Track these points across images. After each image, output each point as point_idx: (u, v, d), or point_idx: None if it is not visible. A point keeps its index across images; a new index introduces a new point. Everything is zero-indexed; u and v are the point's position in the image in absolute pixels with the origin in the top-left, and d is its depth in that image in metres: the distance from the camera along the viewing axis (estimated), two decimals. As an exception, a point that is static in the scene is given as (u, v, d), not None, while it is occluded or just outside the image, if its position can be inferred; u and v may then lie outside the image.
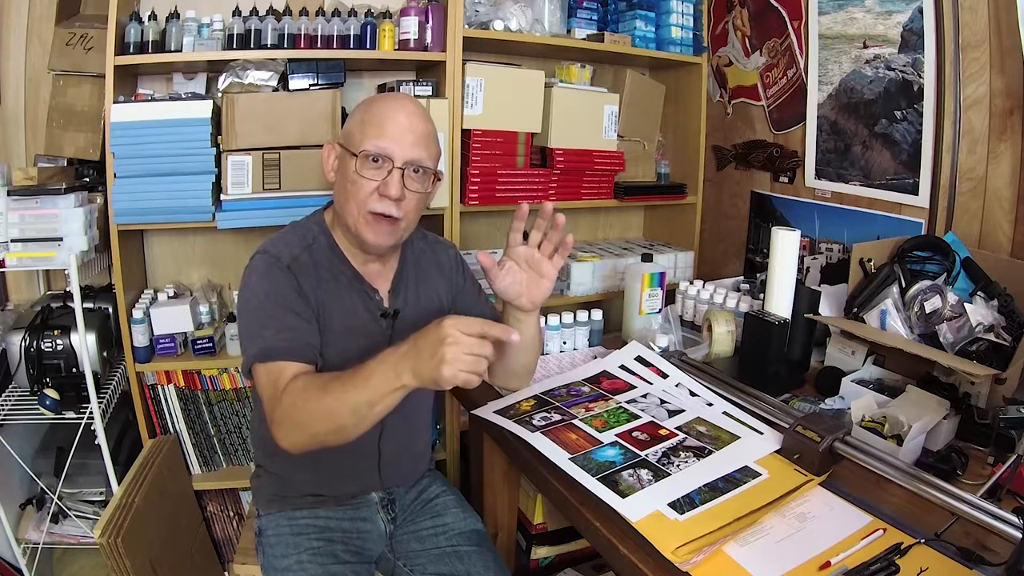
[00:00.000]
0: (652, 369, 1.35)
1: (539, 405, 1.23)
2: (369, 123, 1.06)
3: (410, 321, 1.16)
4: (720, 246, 2.35)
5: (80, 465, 1.67)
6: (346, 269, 1.13)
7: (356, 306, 1.13)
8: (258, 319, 1.02)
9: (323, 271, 1.10)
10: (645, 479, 0.98)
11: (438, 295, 1.24)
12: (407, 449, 1.25)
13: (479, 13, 1.81)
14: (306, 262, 1.08)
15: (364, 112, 1.09)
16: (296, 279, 1.05)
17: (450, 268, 1.27)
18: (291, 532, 1.15)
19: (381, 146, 1.04)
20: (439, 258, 1.26)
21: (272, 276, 1.05)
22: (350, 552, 1.15)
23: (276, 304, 1.03)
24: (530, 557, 1.66)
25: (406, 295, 1.18)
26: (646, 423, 1.15)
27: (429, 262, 1.24)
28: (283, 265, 1.06)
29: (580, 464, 1.02)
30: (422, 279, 1.22)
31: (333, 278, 1.11)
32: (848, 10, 1.77)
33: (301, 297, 1.05)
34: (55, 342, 1.53)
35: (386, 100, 1.13)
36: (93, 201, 1.60)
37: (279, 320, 1.01)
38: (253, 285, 1.06)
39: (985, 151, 1.51)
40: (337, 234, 1.14)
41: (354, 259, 1.14)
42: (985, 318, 1.26)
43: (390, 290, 1.18)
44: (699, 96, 2.15)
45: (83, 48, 1.66)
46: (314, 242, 1.12)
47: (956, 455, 1.05)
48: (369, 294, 1.14)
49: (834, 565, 0.81)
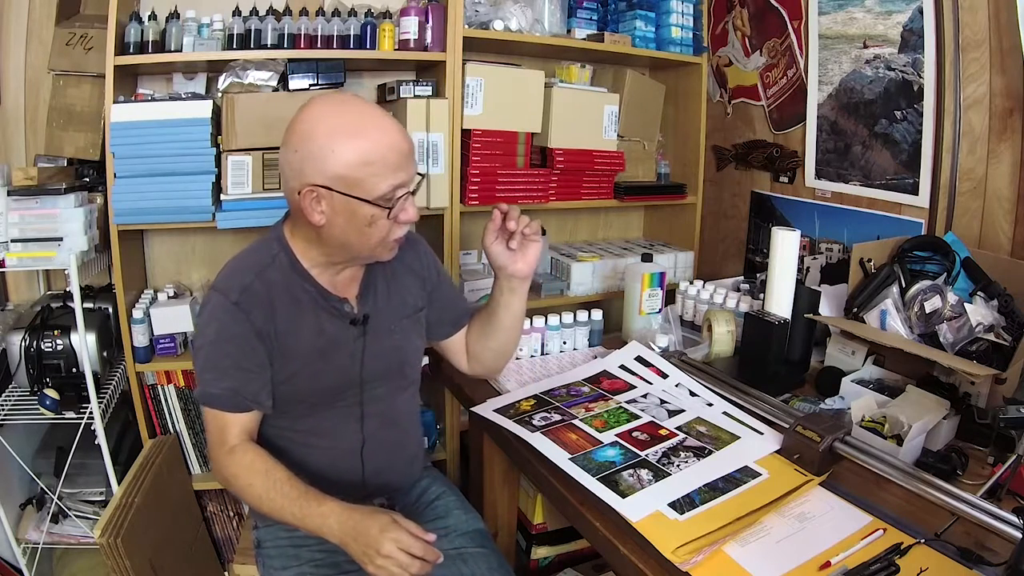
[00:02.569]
0: (652, 369, 1.35)
1: (539, 405, 1.23)
2: (372, 163, 0.98)
3: (381, 325, 1.15)
4: (720, 246, 2.35)
5: (80, 465, 1.68)
6: (309, 287, 1.09)
7: (323, 324, 1.09)
8: (201, 361, 1.06)
9: (281, 295, 1.06)
10: (645, 479, 0.98)
11: (411, 294, 1.22)
12: (396, 455, 1.23)
13: (479, 13, 1.81)
14: (258, 291, 1.04)
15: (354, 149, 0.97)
16: (246, 315, 1.03)
17: (420, 265, 1.25)
18: (291, 544, 1.14)
19: (396, 184, 1.00)
20: (408, 255, 1.22)
21: (219, 318, 1.03)
22: (352, 561, 1.14)
23: (219, 352, 1.04)
24: (530, 557, 1.66)
25: (375, 298, 1.16)
26: (646, 423, 1.15)
27: (398, 260, 1.18)
28: (231, 303, 1.02)
29: (580, 464, 1.02)
30: (392, 278, 1.19)
31: (293, 300, 1.07)
32: (848, 10, 1.77)
33: (247, 340, 1.03)
34: (55, 342, 1.53)
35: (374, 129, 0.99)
36: (93, 201, 1.60)
37: (220, 369, 1.03)
38: (202, 325, 1.08)
39: (985, 151, 1.51)
40: (299, 249, 1.09)
41: (322, 274, 1.10)
42: (985, 318, 1.27)
43: (359, 295, 1.14)
44: (699, 96, 2.15)
45: (83, 48, 1.66)
46: (273, 262, 1.07)
47: (956, 455, 1.05)
48: (337, 307, 1.11)
49: (834, 565, 0.81)
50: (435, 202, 1.79)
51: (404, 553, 0.90)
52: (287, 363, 1.07)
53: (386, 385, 1.18)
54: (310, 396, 1.11)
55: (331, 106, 1.00)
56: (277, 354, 1.06)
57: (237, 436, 1.04)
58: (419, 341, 1.25)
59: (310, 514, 0.95)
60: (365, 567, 0.92)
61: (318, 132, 0.98)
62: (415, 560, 0.91)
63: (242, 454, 1.02)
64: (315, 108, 1.00)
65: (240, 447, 1.03)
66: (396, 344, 1.18)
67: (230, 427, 1.04)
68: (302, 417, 1.12)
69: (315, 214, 1.01)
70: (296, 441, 1.13)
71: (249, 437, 1.06)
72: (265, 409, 1.08)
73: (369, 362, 1.14)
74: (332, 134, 0.97)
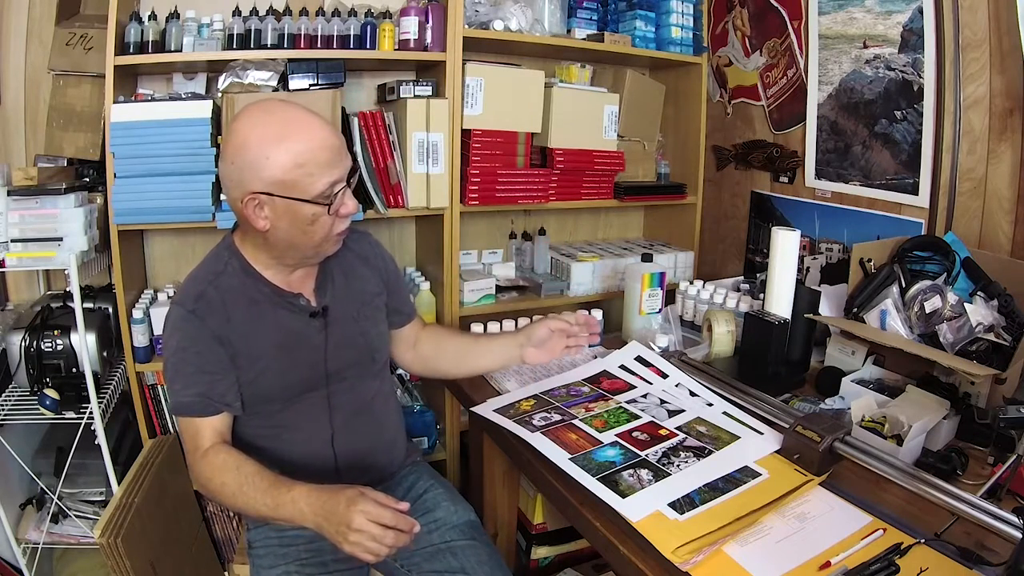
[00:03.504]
0: (652, 369, 1.35)
1: (539, 405, 1.23)
2: (306, 163, 1.00)
3: (344, 314, 1.18)
4: (720, 246, 2.35)
5: (80, 465, 1.67)
6: (263, 287, 1.11)
7: (282, 320, 1.12)
8: (169, 372, 1.09)
9: (237, 299, 1.09)
10: (645, 479, 0.98)
11: (368, 282, 1.25)
12: (374, 440, 1.24)
13: (479, 13, 1.81)
14: (212, 297, 1.07)
15: (285, 153, 0.99)
16: (203, 322, 1.06)
17: (374, 255, 1.28)
18: (279, 544, 1.16)
19: (332, 180, 1.03)
20: (359, 246, 1.26)
21: (179, 328, 1.07)
22: (340, 560, 1.14)
23: (181, 359, 1.07)
24: (530, 557, 1.66)
25: (333, 290, 1.18)
26: (646, 423, 1.15)
27: (351, 255, 1.23)
28: (187, 311, 1.06)
29: (580, 464, 1.02)
30: (348, 271, 1.22)
31: (249, 302, 1.10)
32: (848, 10, 1.77)
33: (207, 345, 1.06)
34: (55, 342, 1.53)
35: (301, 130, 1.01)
36: (93, 201, 1.60)
37: (186, 376, 1.06)
38: (165, 337, 1.11)
39: (985, 151, 1.51)
40: (249, 254, 1.12)
41: (275, 275, 1.12)
42: (985, 318, 1.26)
43: (315, 289, 1.17)
44: (699, 96, 2.15)
45: (83, 48, 1.66)
46: (225, 268, 1.11)
47: (956, 455, 1.05)
48: (293, 302, 1.13)
49: (834, 565, 0.81)
50: (435, 202, 1.79)
51: (376, 524, 0.89)
52: (252, 363, 1.09)
53: (354, 374, 1.20)
54: (279, 393, 1.13)
55: (259, 115, 1.02)
56: (241, 356, 1.08)
57: (209, 439, 1.06)
58: (383, 326, 1.28)
59: (282, 502, 0.96)
60: (341, 547, 0.91)
61: (250, 142, 1.00)
62: (388, 531, 0.90)
63: (214, 455, 1.04)
64: (245, 119, 1.03)
65: (212, 449, 1.05)
66: (362, 330, 1.21)
67: (202, 432, 1.06)
68: (273, 414, 1.14)
69: (259, 220, 1.03)
70: (270, 438, 1.15)
71: (222, 440, 1.07)
72: (235, 410, 1.10)
73: (335, 353, 1.16)
74: (263, 142, 1.00)
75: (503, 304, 1.96)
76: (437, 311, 1.92)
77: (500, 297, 1.97)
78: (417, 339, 1.37)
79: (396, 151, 1.75)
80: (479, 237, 2.18)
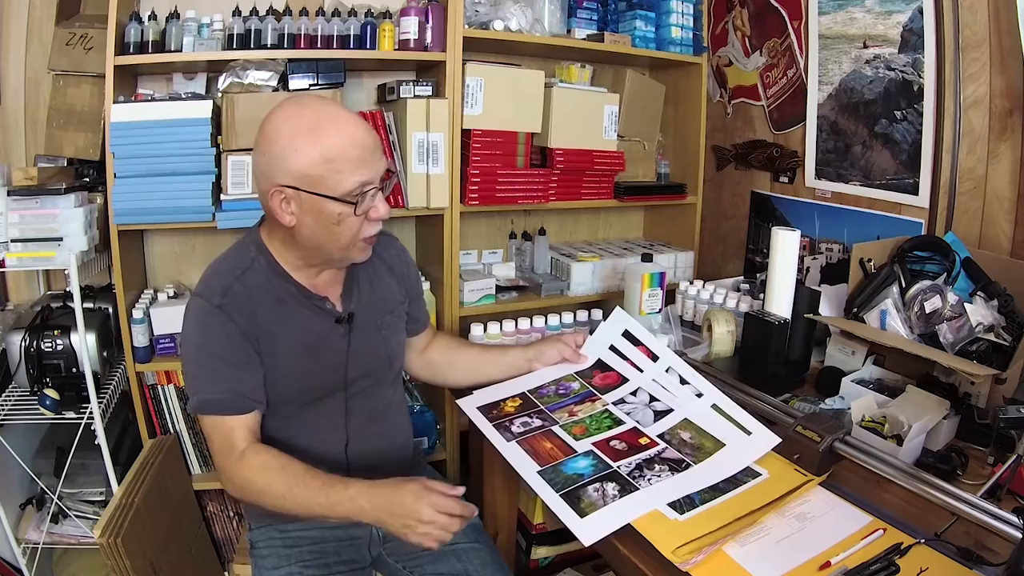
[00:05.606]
0: (641, 349, 1.33)
1: (523, 407, 1.22)
2: (334, 159, 0.99)
3: (368, 322, 1.17)
4: (720, 246, 2.35)
5: (80, 465, 1.67)
6: (290, 287, 1.09)
7: (308, 321, 1.10)
8: (192, 369, 1.05)
9: (263, 296, 1.06)
10: (610, 494, 0.96)
11: (392, 290, 1.24)
12: (382, 451, 1.23)
13: (479, 13, 1.81)
14: (239, 293, 1.04)
15: (314, 147, 0.98)
16: (230, 317, 1.03)
17: (400, 263, 1.27)
18: (283, 544, 1.15)
19: (362, 180, 1.00)
20: (387, 252, 1.25)
21: (203, 323, 1.03)
22: (343, 562, 1.14)
23: (208, 355, 1.03)
24: (530, 557, 1.66)
25: (359, 297, 1.16)
26: (627, 430, 1.13)
27: (379, 261, 1.21)
28: (213, 306, 1.02)
29: (547, 477, 1.00)
30: (375, 278, 1.21)
31: (276, 300, 1.07)
32: (848, 10, 1.77)
33: (235, 340, 1.03)
34: (55, 342, 1.53)
35: (331, 125, 1.00)
36: (93, 201, 1.60)
37: (213, 371, 1.02)
38: (187, 332, 1.06)
39: (985, 151, 1.51)
40: (277, 251, 1.09)
41: (302, 276, 1.10)
42: (985, 318, 1.26)
43: (341, 294, 1.15)
44: (699, 96, 2.15)
45: (83, 48, 1.66)
46: (252, 264, 1.08)
47: (956, 455, 1.05)
48: (319, 305, 1.11)
49: (834, 565, 0.81)
50: (435, 202, 1.79)
51: (443, 515, 0.93)
52: (277, 363, 1.07)
53: (372, 381, 1.19)
54: (298, 396, 1.11)
55: (293, 108, 1.01)
56: (266, 355, 1.06)
57: (245, 439, 1.02)
58: (402, 335, 1.28)
59: (339, 500, 0.95)
60: (407, 539, 0.93)
61: (281, 133, 0.99)
62: (454, 519, 0.93)
63: (253, 455, 1.01)
64: (279, 111, 1.02)
65: (250, 449, 1.01)
66: (384, 339, 1.20)
67: (236, 432, 1.02)
68: (288, 416, 1.12)
69: (285, 215, 1.02)
70: (282, 441, 1.12)
71: (256, 439, 1.05)
72: (263, 409, 1.07)
73: (356, 360, 1.15)
74: (293, 134, 0.99)
75: (503, 304, 1.96)
76: (437, 311, 1.92)
77: (500, 297, 1.97)
78: (427, 346, 1.37)
79: (396, 151, 1.75)
80: (479, 237, 2.18)
